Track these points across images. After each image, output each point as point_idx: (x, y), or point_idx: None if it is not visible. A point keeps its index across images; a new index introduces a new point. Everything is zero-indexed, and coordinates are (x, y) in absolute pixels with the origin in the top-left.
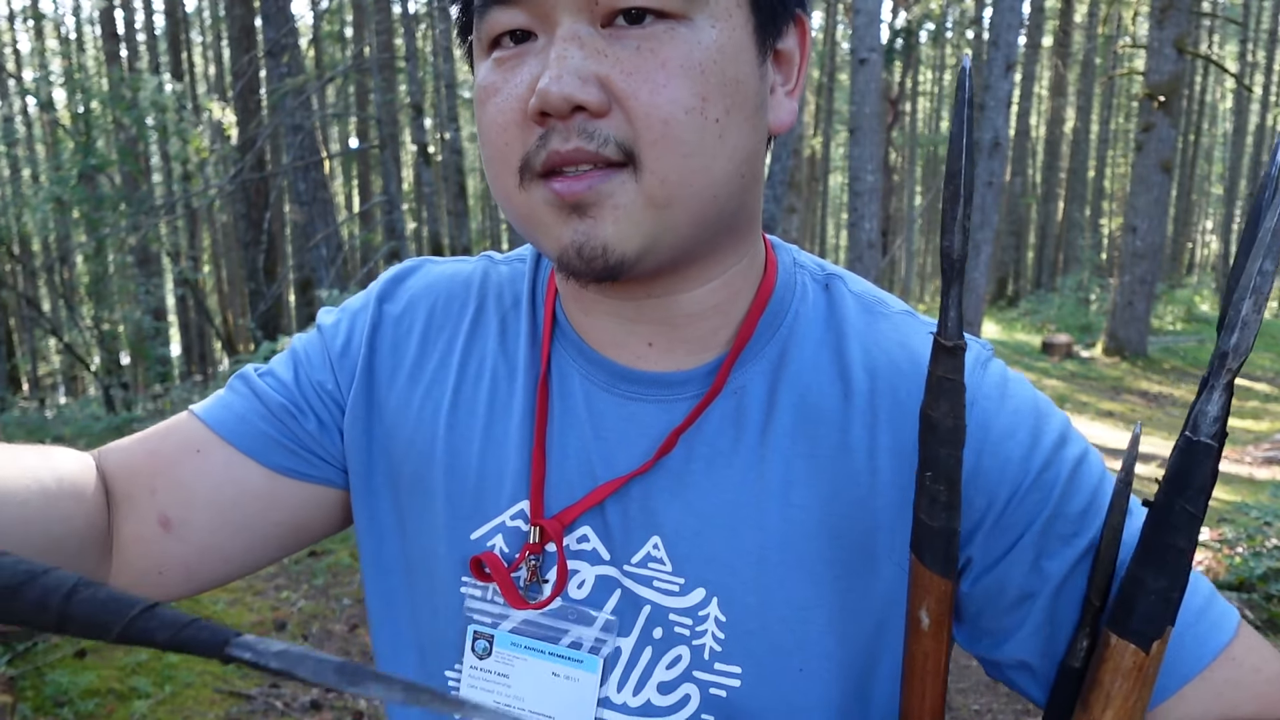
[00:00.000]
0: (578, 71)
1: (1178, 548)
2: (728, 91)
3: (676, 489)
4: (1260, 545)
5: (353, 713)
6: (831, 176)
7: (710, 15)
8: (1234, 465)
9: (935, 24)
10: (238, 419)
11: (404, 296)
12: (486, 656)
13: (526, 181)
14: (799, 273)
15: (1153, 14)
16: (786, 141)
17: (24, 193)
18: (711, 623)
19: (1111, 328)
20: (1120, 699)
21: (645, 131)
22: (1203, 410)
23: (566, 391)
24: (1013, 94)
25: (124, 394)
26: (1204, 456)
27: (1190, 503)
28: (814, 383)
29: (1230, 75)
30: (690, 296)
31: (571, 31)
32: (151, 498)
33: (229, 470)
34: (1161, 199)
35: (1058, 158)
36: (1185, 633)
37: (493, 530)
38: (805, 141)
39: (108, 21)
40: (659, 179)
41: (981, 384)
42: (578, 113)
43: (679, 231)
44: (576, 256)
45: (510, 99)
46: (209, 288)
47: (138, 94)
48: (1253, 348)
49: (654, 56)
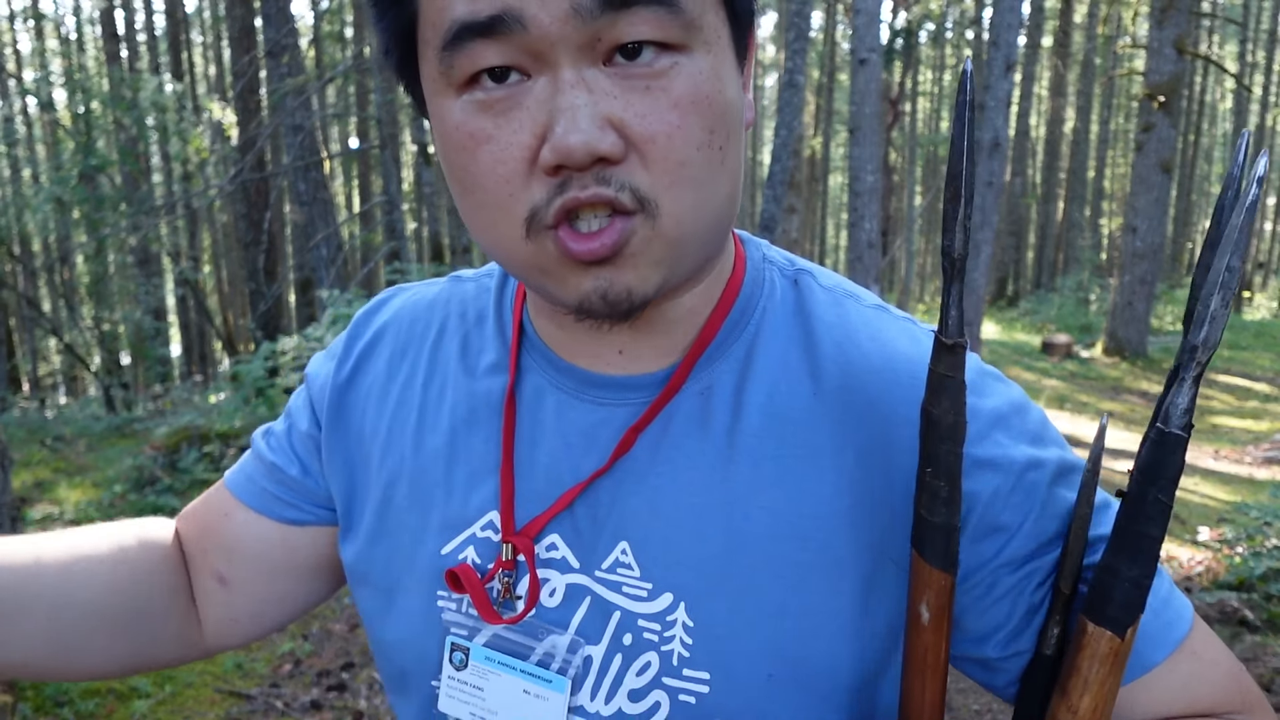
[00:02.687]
0: (594, 120)
1: (1151, 536)
2: (727, 118)
3: (642, 492)
4: (1260, 545)
5: (353, 713)
6: (831, 176)
7: (705, 43)
8: (1234, 465)
9: (935, 24)
10: (246, 480)
11: (372, 329)
12: (463, 668)
13: (535, 233)
14: (768, 269)
15: (1153, 14)
16: (787, 142)
17: (24, 193)
18: (679, 628)
19: (1111, 328)
20: (1097, 685)
21: (663, 175)
22: (1173, 403)
23: (537, 403)
24: (1013, 94)
25: (124, 394)
26: (1175, 447)
27: (1163, 492)
28: (782, 381)
29: (1230, 75)
30: (668, 305)
31: (577, 77)
32: (205, 558)
33: (249, 528)
34: (1161, 199)
35: (1058, 158)
36: (1151, 621)
37: (464, 543)
38: (805, 141)
39: (108, 21)
40: (675, 219)
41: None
42: (597, 163)
43: (691, 262)
44: (601, 302)
45: (512, 148)
46: (209, 288)
47: (138, 94)
48: (1220, 341)
49: (665, 96)
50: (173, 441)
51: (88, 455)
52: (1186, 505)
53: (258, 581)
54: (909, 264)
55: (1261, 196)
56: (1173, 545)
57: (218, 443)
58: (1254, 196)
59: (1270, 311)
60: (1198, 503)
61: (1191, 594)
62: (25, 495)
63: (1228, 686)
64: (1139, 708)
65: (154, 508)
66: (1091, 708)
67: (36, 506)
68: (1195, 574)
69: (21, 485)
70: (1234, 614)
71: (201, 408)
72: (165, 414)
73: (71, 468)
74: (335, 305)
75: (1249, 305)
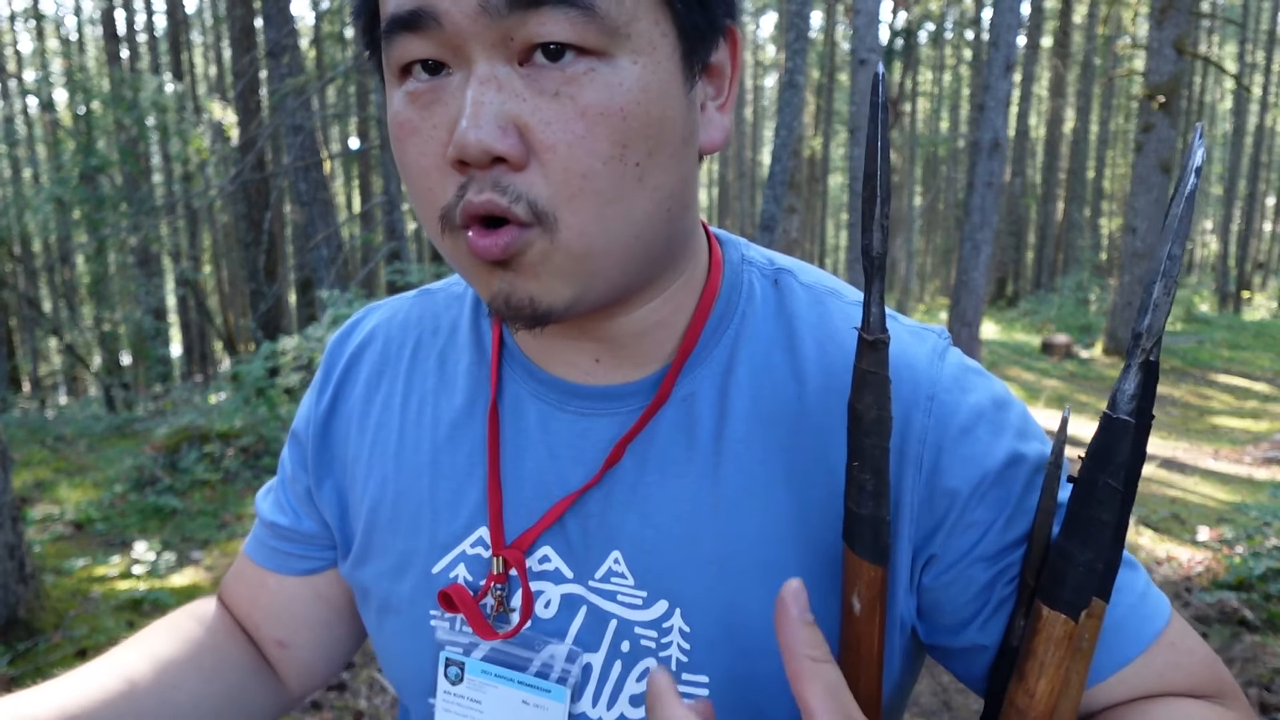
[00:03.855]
0: (496, 119)
1: (1101, 520)
2: (650, 133)
3: (632, 501)
4: (1260, 545)
5: (353, 713)
6: (831, 176)
7: (633, 51)
8: (1234, 465)
9: (935, 24)
10: (259, 545)
11: (347, 353)
12: (459, 682)
13: (449, 230)
14: (747, 270)
15: (1152, 14)
16: (787, 142)
17: (25, 193)
18: (676, 634)
19: (1111, 328)
20: (1053, 667)
21: (563, 187)
22: (1121, 389)
23: (519, 414)
24: (1012, 94)
25: (124, 394)
26: (1122, 432)
27: (1112, 477)
28: (766, 384)
29: (1230, 76)
30: (632, 318)
31: (488, 73)
32: (260, 631)
33: (284, 591)
34: (1161, 199)
35: (1057, 158)
36: (1128, 616)
37: (454, 561)
38: (805, 142)
39: (108, 22)
40: (576, 232)
41: (940, 376)
42: (497, 163)
43: (606, 277)
44: (505, 306)
45: (431, 142)
46: (209, 288)
47: (138, 94)
48: (1164, 327)
49: (573, 104)
50: (173, 441)
51: (88, 455)
52: (1186, 505)
53: (313, 635)
54: (909, 264)
55: (1200, 186)
56: (1173, 545)
57: (218, 443)
58: (1191, 186)
59: (1270, 311)
60: (1197, 503)
61: (1191, 594)
62: (25, 495)
63: (1203, 675)
64: (1116, 698)
65: (154, 508)
66: (1048, 690)
67: (37, 506)
68: (1195, 574)
69: (22, 485)
70: (1234, 614)
71: (202, 408)
72: (165, 414)
73: (72, 468)
74: (335, 305)
75: (1249, 305)
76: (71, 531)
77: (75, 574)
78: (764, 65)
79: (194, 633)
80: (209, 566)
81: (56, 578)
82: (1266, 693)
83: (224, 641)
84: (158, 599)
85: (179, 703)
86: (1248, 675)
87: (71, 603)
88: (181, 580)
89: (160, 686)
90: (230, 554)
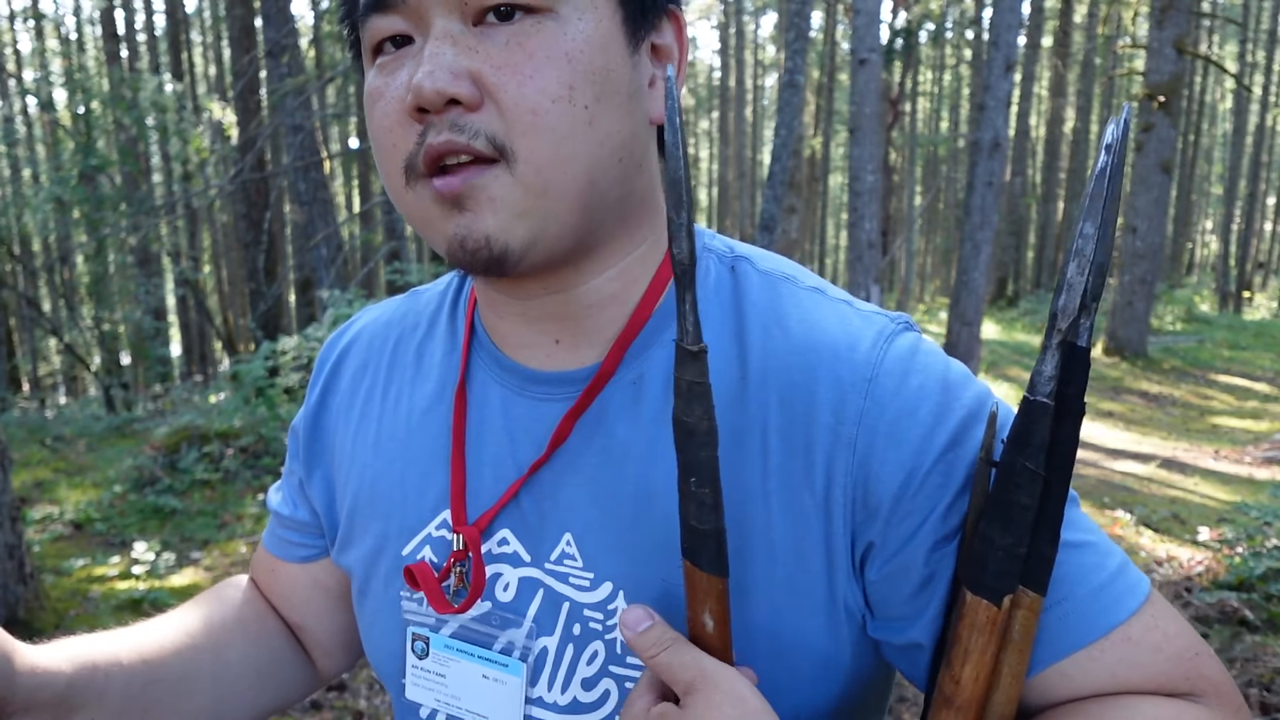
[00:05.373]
0: (450, 67)
1: (1020, 504)
2: (596, 80)
3: (581, 482)
4: (1260, 545)
5: (353, 713)
6: (831, 176)
7: (576, 8)
8: (1234, 465)
9: (935, 24)
10: (269, 534)
11: (337, 351)
12: (424, 657)
13: (412, 181)
14: (705, 256)
15: (1153, 14)
16: (787, 141)
17: (24, 193)
18: None
19: (1111, 328)
20: (978, 654)
21: (515, 122)
22: (1039, 371)
23: (484, 400)
24: (1012, 94)
25: (124, 394)
26: (1040, 415)
27: (1030, 460)
28: (712, 367)
29: (1230, 75)
30: (588, 288)
31: (443, 30)
32: (281, 611)
33: (288, 578)
34: (1161, 199)
35: (1058, 158)
36: (1073, 609)
37: (421, 543)
38: (805, 141)
39: (108, 21)
40: (533, 168)
41: (883, 360)
42: (452, 106)
43: (562, 219)
44: (461, 249)
45: (392, 100)
46: (209, 288)
47: (138, 94)
48: (1083, 308)
49: (521, 49)
50: (173, 441)
51: (88, 455)
52: (1187, 505)
53: (318, 620)
54: (909, 264)
55: (1114, 163)
56: (1173, 545)
57: (218, 443)
58: (1102, 164)
59: (1270, 311)
60: (1198, 503)
61: (1191, 594)
62: (25, 495)
63: (1172, 672)
64: (1059, 694)
65: (154, 508)
66: (973, 677)
67: (36, 506)
68: (1195, 574)
69: (21, 485)
70: (1234, 614)
71: (201, 408)
72: (165, 414)
73: (71, 468)
74: (335, 305)
75: (1249, 305)
76: (71, 531)
77: (75, 574)
78: (764, 65)
79: (239, 602)
80: (208, 566)
81: (56, 578)
82: (1267, 693)
83: (264, 612)
84: (157, 599)
85: (231, 662)
86: (1248, 675)
87: (71, 603)
88: (181, 580)
89: (216, 645)
90: (230, 554)
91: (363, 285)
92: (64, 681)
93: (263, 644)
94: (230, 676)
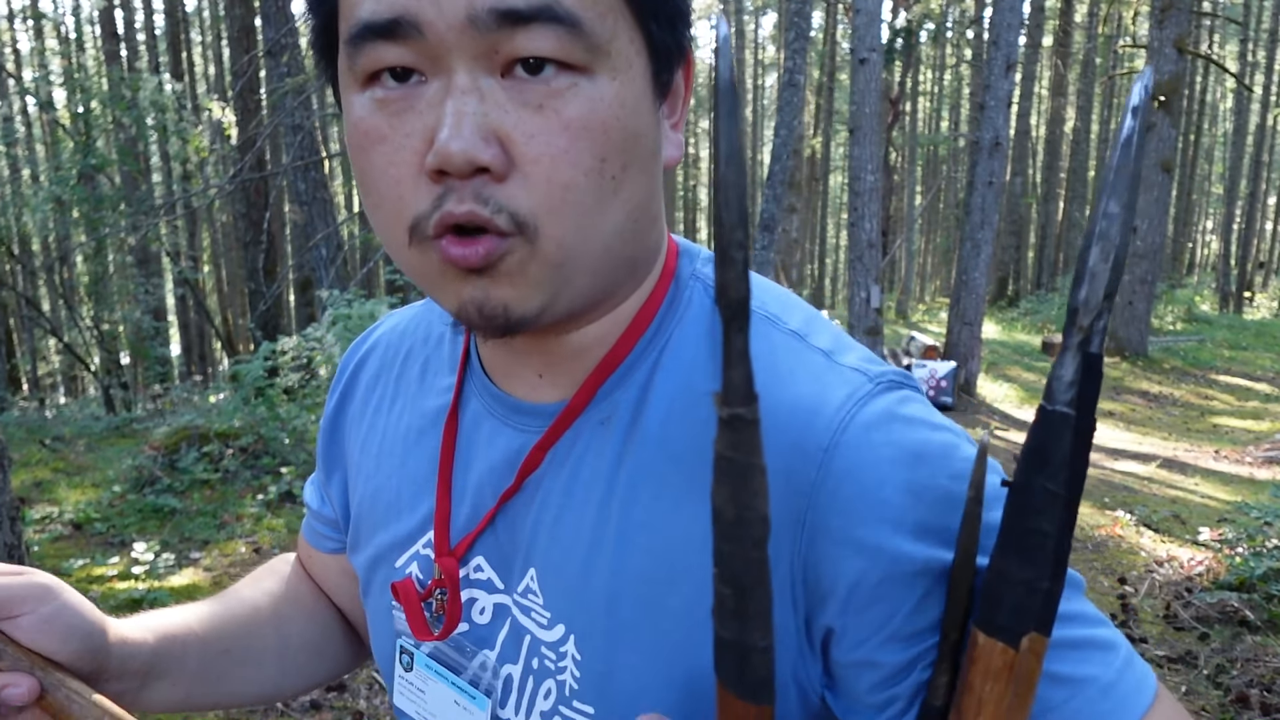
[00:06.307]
0: (479, 129)
1: (1041, 531)
2: (627, 147)
3: (547, 520)
4: (1260, 545)
5: (353, 713)
6: (831, 176)
7: (612, 68)
8: (1234, 465)
9: (935, 24)
10: (306, 524)
11: (357, 357)
12: (409, 670)
13: (418, 241)
14: (693, 286)
15: (1153, 14)
16: (787, 141)
17: (24, 193)
18: (570, 660)
19: (1111, 328)
20: (993, 702)
21: (545, 199)
22: (1057, 376)
23: (475, 427)
24: (1013, 94)
25: (124, 394)
26: (1061, 427)
27: (1050, 480)
28: (678, 408)
29: (1230, 75)
30: (581, 333)
31: (470, 83)
32: (324, 592)
33: (324, 564)
34: (1161, 199)
35: (1058, 158)
36: (1087, 708)
37: (410, 558)
38: (805, 141)
39: (107, 21)
40: (555, 242)
41: (848, 426)
42: (478, 174)
43: (576, 285)
44: (477, 314)
45: (403, 150)
46: (209, 288)
47: (137, 94)
48: (1104, 299)
49: (557, 118)
50: (172, 441)
51: (87, 455)
52: (1188, 505)
53: (355, 603)
54: (909, 263)
55: (1140, 131)
56: (1174, 545)
57: (217, 443)
58: (1129, 129)
59: (1270, 311)
60: (1198, 503)
61: (1192, 594)
62: (25, 495)
63: None
64: None
65: (153, 508)
66: None
67: (36, 506)
68: (1196, 574)
69: (21, 485)
70: (1234, 614)
71: (201, 408)
72: (165, 414)
73: (71, 468)
74: (335, 305)
75: (1250, 305)
76: (70, 532)
77: (74, 574)
78: (764, 65)
79: (293, 578)
80: (208, 567)
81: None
82: (1267, 693)
83: (315, 589)
84: (157, 599)
85: (291, 635)
86: (1249, 675)
87: None
88: (180, 580)
89: (277, 618)
90: (229, 554)
91: (362, 285)
92: (149, 651)
93: (316, 619)
94: (291, 649)
